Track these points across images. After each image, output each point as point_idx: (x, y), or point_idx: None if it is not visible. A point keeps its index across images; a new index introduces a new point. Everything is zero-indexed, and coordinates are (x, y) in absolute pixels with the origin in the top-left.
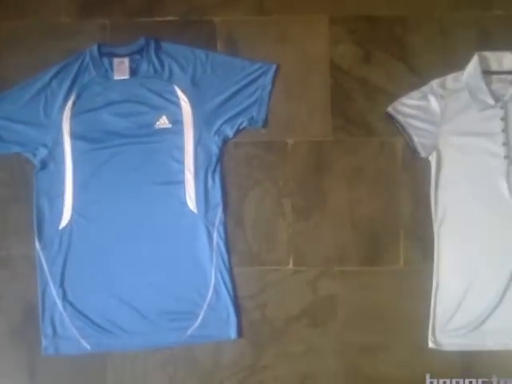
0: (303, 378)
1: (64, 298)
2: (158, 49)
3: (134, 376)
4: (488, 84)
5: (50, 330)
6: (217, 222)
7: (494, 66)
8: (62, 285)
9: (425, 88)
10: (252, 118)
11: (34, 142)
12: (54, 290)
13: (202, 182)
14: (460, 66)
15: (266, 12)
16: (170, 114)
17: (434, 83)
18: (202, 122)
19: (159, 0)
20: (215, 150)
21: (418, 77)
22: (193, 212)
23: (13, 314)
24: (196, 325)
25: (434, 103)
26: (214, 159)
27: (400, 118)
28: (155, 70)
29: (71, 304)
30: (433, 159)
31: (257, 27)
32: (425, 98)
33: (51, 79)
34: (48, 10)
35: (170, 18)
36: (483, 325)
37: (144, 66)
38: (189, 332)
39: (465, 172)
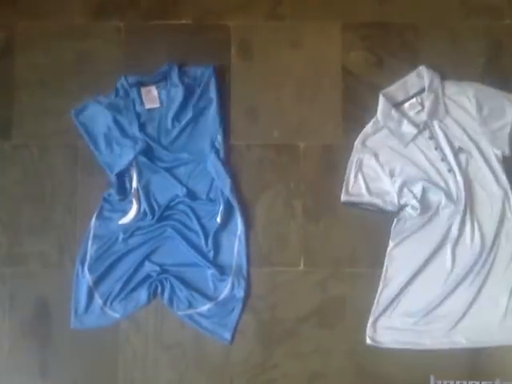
0: (312, 376)
1: (95, 271)
2: (181, 74)
3: (145, 373)
4: (403, 115)
5: (78, 305)
6: (238, 232)
7: (400, 96)
8: (97, 260)
9: (354, 155)
10: None
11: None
12: (86, 266)
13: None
14: (468, 75)
15: (279, 17)
16: None
17: (358, 144)
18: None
19: (173, 3)
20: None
21: None
22: (218, 222)
23: (25, 311)
24: (200, 310)
25: (369, 162)
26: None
27: (356, 199)
28: (184, 96)
29: (101, 277)
30: None
31: (270, 32)
32: (359, 165)
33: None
34: (63, 11)
35: (184, 22)
36: (420, 323)
37: (172, 92)
38: (191, 311)
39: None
